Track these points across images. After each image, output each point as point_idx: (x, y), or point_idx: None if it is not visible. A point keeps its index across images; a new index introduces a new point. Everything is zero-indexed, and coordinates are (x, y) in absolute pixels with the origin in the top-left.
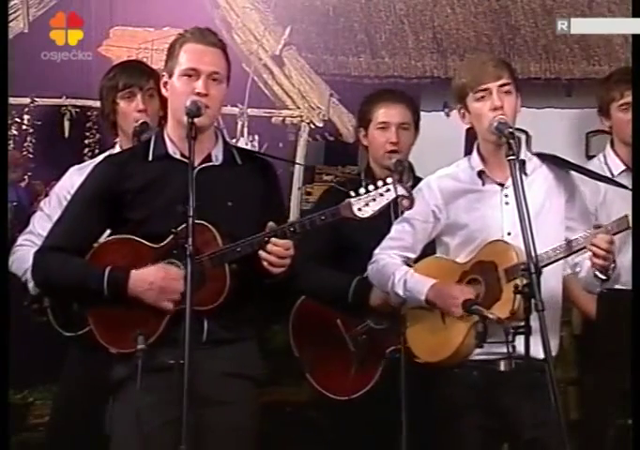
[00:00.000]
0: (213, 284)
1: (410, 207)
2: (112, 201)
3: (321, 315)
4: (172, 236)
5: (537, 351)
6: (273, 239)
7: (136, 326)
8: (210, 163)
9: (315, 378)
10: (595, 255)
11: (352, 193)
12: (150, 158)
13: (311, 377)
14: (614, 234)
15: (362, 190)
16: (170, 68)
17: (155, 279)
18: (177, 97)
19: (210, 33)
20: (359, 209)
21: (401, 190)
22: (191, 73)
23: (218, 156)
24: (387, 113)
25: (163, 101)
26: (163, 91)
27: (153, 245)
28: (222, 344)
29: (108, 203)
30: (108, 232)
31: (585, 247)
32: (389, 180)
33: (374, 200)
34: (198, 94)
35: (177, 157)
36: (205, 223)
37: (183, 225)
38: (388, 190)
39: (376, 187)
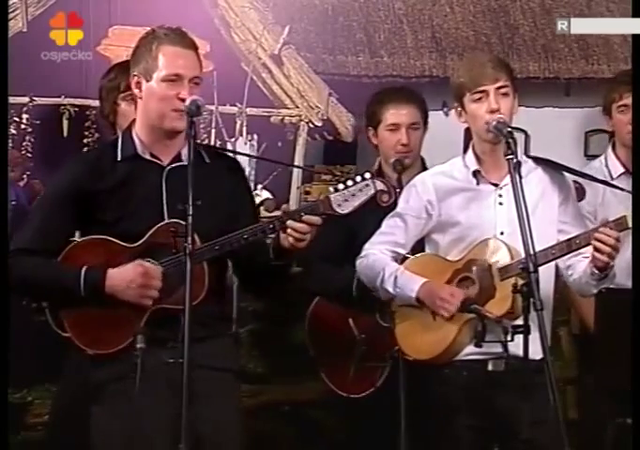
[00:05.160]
0: (193, 282)
1: (389, 202)
2: (81, 201)
3: (335, 314)
4: (149, 235)
5: (533, 350)
6: (306, 217)
7: (114, 327)
8: (180, 163)
9: (329, 377)
10: (598, 251)
11: (331, 189)
12: (119, 158)
13: (325, 376)
14: None
15: (341, 186)
16: (146, 71)
17: (134, 277)
18: (158, 102)
19: (185, 34)
20: (339, 205)
21: (380, 185)
22: (174, 79)
23: (187, 155)
24: (396, 115)
25: (135, 101)
26: (136, 91)
27: (128, 244)
28: (198, 341)
29: (77, 203)
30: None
31: (584, 246)
32: (368, 175)
33: (354, 195)
34: (183, 100)
35: (147, 157)
36: (183, 222)
37: (164, 222)
38: (367, 186)
39: (355, 183)
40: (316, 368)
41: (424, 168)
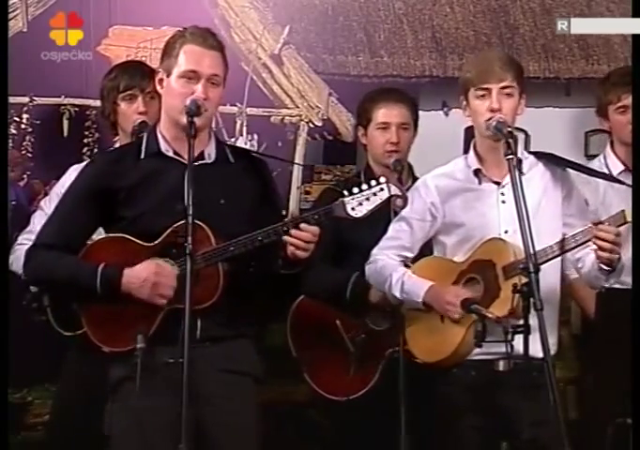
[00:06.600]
0: (206, 283)
1: (404, 206)
2: (104, 198)
3: (319, 315)
4: (165, 235)
5: (535, 350)
6: (302, 225)
7: (129, 325)
8: (203, 161)
9: (313, 378)
10: (600, 248)
11: (345, 192)
12: (143, 156)
13: (309, 377)
14: None
15: (356, 190)
16: (167, 67)
17: (148, 275)
18: (174, 98)
19: (210, 35)
20: (353, 209)
21: (394, 190)
22: (191, 75)
23: (210, 154)
24: (387, 114)
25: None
26: (158, 88)
27: (146, 243)
28: (218, 341)
29: (100, 201)
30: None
31: (584, 243)
32: (382, 179)
33: (368, 199)
34: (197, 97)
35: (170, 154)
36: (199, 222)
37: (177, 223)
38: (382, 190)
39: (370, 187)
40: (299, 369)
41: (412, 173)
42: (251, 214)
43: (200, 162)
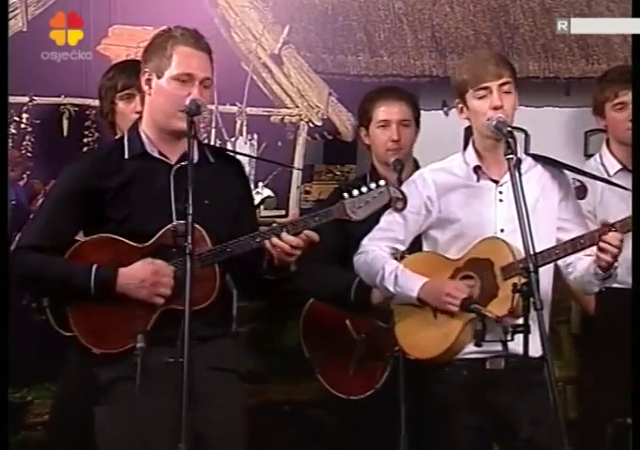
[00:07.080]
0: (203, 284)
1: (403, 209)
2: (89, 199)
3: (330, 316)
4: (158, 235)
5: (533, 349)
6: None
7: (121, 326)
8: (187, 162)
9: (325, 378)
10: (603, 250)
11: (345, 195)
12: (127, 156)
13: (321, 377)
14: None
15: (355, 192)
16: (158, 68)
17: (146, 276)
18: (166, 100)
19: (200, 37)
20: (353, 211)
21: (394, 192)
22: (185, 78)
23: (194, 154)
24: (387, 111)
25: (142, 97)
26: (145, 88)
27: (137, 244)
28: (205, 341)
29: (85, 201)
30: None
31: (587, 247)
32: (382, 182)
33: (368, 202)
34: (195, 98)
35: (155, 155)
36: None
37: (174, 223)
38: (382, 193)
39: (370, 190)
40: (312, 370)
41: (417, 168)
42: (233, 214)
43: (185, 163)
